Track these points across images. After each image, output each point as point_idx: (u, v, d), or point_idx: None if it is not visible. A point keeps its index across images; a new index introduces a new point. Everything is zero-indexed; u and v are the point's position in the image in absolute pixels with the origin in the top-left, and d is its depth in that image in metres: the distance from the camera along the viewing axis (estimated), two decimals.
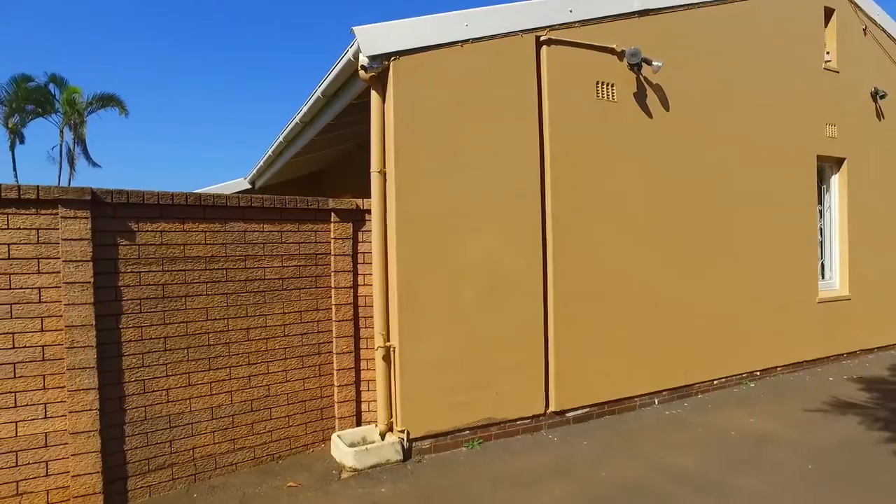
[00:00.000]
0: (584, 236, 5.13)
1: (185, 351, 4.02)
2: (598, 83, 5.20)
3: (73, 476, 3.60)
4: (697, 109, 5.87)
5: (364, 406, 4.75)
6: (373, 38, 4.25)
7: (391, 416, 4.47)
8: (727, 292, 6.10)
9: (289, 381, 4.47)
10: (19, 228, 3.50)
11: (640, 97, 5.45)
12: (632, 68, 5.31)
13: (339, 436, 4.48)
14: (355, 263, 4.70)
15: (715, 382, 6.07)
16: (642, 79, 5.43)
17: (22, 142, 24.20)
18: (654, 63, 5.26)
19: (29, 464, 3.53)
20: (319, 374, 4.61)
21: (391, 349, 4.43)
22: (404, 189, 4.38)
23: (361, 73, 4.31)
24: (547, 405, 4.99)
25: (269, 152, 8.07)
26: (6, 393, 3.47)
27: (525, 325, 4.88)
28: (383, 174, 4.44)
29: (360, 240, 4.71)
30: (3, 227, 3.46)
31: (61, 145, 24.63)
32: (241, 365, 4.25)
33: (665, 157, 5.63)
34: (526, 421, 4.91)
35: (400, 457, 4.36)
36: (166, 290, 3.95)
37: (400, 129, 4.36)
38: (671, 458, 4.35)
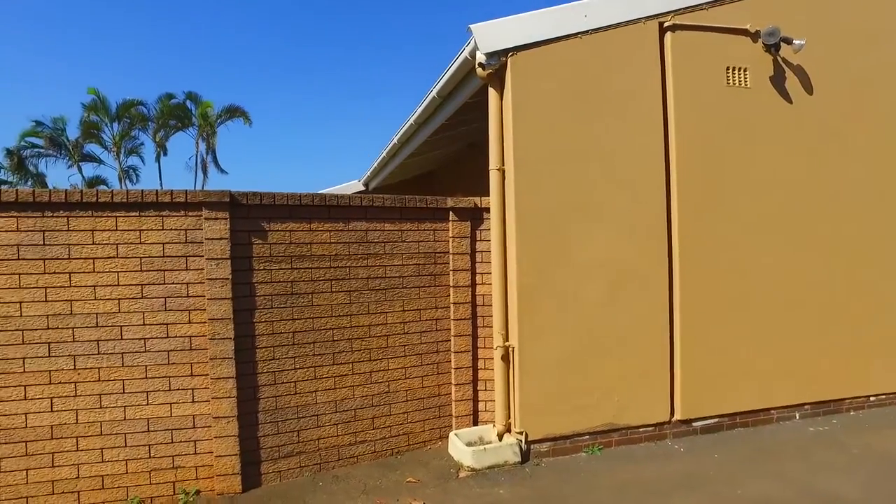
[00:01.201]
0: (714, 233, 4.77)
1: (312, 345, 4.21)
2: (728, 68, 4.81)
3: (216, 456, 3.90)
4: (851, 90, 5.22)
5: (481, 405, 4.74)
6: (490, 35, 4.22)
7: (509, 417, 4.41)
8: (887, 297, 5.38)
9: (408, 377, 4.56)
10: (171, 229, 3.85)
11: (777, 81, 4.97)
12: (768, 49, 4.85)
13: (456, 434, 4.49)
14: (473, 262, 4.70)
15: (871, 399, 5.38)
16: (780, 60, 4.95)
17: (165, 153, 26.97)
18: (796, 42, 4.77)
19: (181, 441, 3.89)
20: (437, 371, 4.66)
21: (510, 349, 4.37)
22: (523, 186, 4.31)
23: (479, 70, 4.30)
24: (672, 413, 4.70)
25: (384, 154, 8.31)
26: (163, 377, 3.85)
27: (648, 327, 4.62)
28: (502, 172, 4.39)
29: (479, 238, 4.70)
30: (159, 227, 3.83)
31: (197, 155, 27.13)
32: (363, 361, 4.39)
33: (808, 147, 5.08)
34: (649, 428, 4.65)
35: (518, 459, 4.29)
36: (294, 287, 4.16)
37: (518, 126, 4.30)
38: (821, 482, 3.90)
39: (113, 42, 49.14)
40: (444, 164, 10.15)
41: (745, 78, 4.87)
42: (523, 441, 4.32)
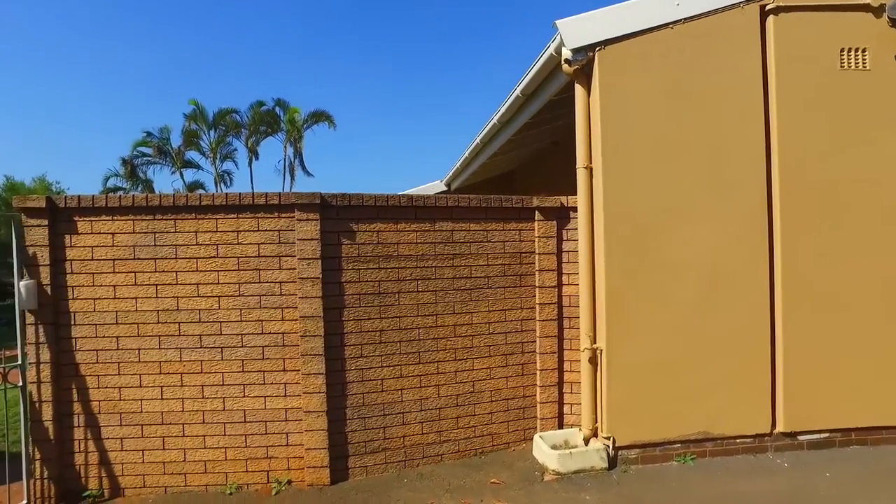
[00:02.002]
0: (822, 230, 4.38)
1: (398, 344, 4.28)
2: (842, 50, 4.39)
3: (306, 449, 4.06)
4: None
5: (566, 408, 4.65)
6: (576, 30, 4.12)
7: (596, 421, 4.30)
8: None
9: (492, 378, 4.54)
10: (266, 230, 4.04)
11: None
12: (895, 24, 4.39)
13: (541, 437, 4.42)
14: (560, 262, 4.62)
15: None
16: None
17: (257, 158, 28.46)
18: None
19: (274, 433, 4.08)
20: (522, 373, 4.61)
21: (597, 351, 4.25)
22: (612, 184, 4.17)
23: (565, 66, 4.20)
24: (773, 424, 4.38)
25: (466, 154, 8.32)
26: (258, 371, 4.05)
27: (746, 331, 4.33)
28: (589, 170, 4.28)
29: (565, 238, 4.62)
30: (255, 229, 4.03)
31: (285, 159, 28.40)
32: (448, 360, 4.41)
33: None
34: (747, 440, 4.37)
35: (605, 464, 4.16)
36: (381, 287, 4.24)
37: (607, 123, 4.17)
38: None
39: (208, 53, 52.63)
40: (526, 163, 10.03)
41: (864, 59, 4.43)
42: (611, 446, 4.19)
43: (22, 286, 3.80)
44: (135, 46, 55.08)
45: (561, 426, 4.64)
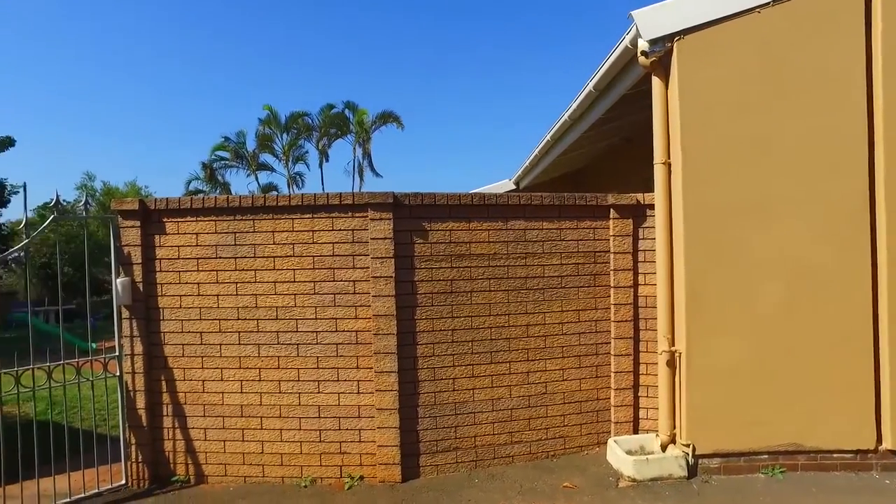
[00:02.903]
0: None
1: (470, 344, 4.26)
2: None
3: (378, 446, 4.11)
4: None
5: (642, 412, 4.49)
6: (653, 20, 3.97)
7: (674, 427, 4.12)
8: None
9: (565, 380, 4.44)
10: (340, 230, 4.12)
11: None
12: None
13: (615, 441, 4.28)
14: (635, 262, 4.47)
15: None
16: None
17: (327, 160, 29.21)
18: None
19: (348, 429, 4.16)
20: (596, 375, 4.49)
21: (676, 354, 4.07)
22: (692, 180, 3.99)
23: (641, 59, 4.05)
24: (879, 440, 4.03)
25: (536, 151, 8.21)
26: (331, 368, 4.14)
27: (844, 334, 4.02)
28: (667, 165, 4.11)
29: (641, 237, 4.46)
30: (329, 228, 4.12)
31: (354, 160, 29.00)
32: (520, 361, 4.35)
33: None
34: (847, 455, 4.04)
35: (684, 473, 3.98)
36: (454, 286, 4.23)
37: (686, 116, 3.98)
38: None
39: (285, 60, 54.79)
40: (598, 159, 9.79)
41: None
42: (690, 454, 4.01)
43: (119, 283, 4.07)
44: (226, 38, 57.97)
45: (636, 431, 4.48)
